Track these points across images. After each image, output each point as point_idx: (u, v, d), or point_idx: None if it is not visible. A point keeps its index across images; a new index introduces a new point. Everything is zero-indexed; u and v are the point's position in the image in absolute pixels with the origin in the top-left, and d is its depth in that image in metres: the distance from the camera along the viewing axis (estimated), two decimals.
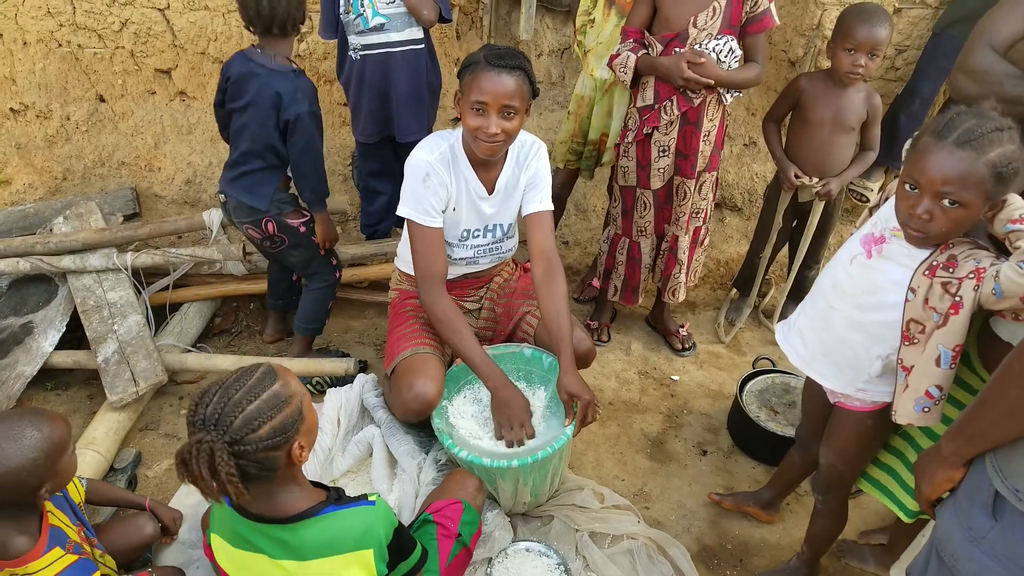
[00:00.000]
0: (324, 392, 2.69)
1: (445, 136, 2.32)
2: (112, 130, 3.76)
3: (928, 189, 1.50)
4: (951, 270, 1.53)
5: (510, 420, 2.23)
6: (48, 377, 2.90)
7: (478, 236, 2.46)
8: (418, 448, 2.38)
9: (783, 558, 2.38)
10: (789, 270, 3.36)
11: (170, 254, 2.96)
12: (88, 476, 2.39)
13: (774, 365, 3.00)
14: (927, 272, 1.57)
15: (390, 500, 2.25)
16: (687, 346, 3.29)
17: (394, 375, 2.39)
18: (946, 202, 1.49)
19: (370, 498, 1.58)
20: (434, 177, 2.27)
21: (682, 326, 3.33)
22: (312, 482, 1.63)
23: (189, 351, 2.96)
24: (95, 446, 2.47)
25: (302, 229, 2.71)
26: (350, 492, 2.47)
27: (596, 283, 3.40)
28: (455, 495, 2.01)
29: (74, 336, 2.96)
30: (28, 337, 2.83)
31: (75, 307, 2.93)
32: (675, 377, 3.15)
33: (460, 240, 2.44)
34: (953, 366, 1.56)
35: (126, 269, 3.00)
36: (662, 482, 2.66)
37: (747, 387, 2.88)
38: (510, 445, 2.21)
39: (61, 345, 2.92)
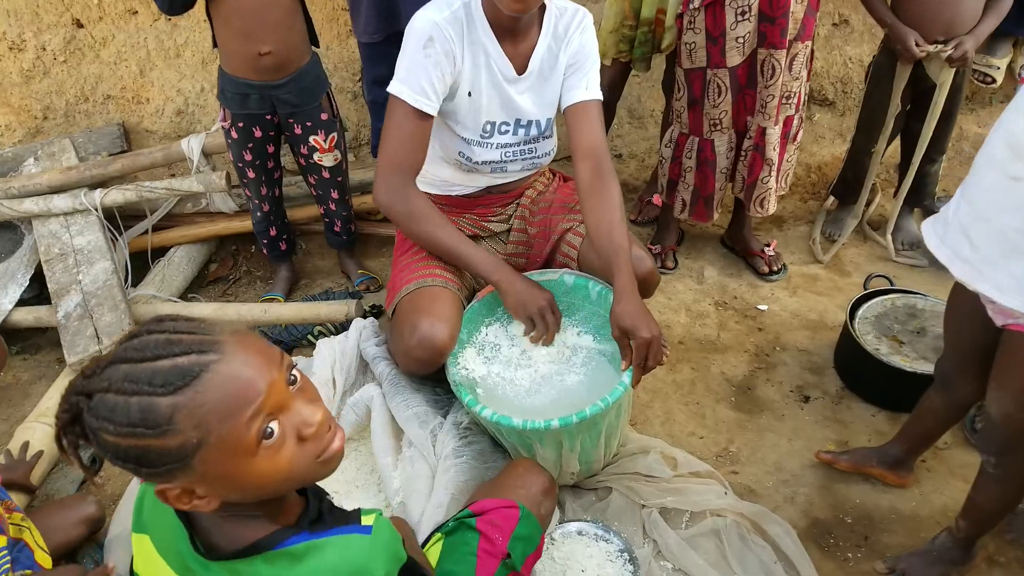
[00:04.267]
0: None
1: None
2: (93, 59, 3.29)
3: None
4: None
5: (529, 313, 1.79)
6: (14, 339, 2.48)
7: (506, 132, 1.89)
8: (432, 410, 1.84)
9: (924, 534, 1.78)
10: (903, 168, 2.66)
11: (143, 188, 2.47)
12: (40, 449, 1.96)
13: (892, 283, 2.35)
14: None
15: (393, 483, 1.73)
16: (775, 268, 2.65)
17: (395, 315, 1.86)
18: None
19: (365, 520, 1.01)
20: (439, 43, 1.70)
21: (767, 244, 2.69)
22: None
23: (172, 302, 2.49)
24: (47, 418, 2.03)
25: None
26: (350, 471, 1.99)
27: (658, 199, 2.80)
28: (512, 495, 1.46)
29: (45, 292, 2.53)
30: None
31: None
32: (762, 307, 2.53)
33: (483, 137, 1.87)
34: None
35: (96, 209, 2.53)
36: (753, 439, 2.08)
37: (859, 313, 2.24)
38: (535, 342, 1.80)
39: (30, 302, 2.50)
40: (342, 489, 1.88)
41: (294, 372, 0.91)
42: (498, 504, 1.39)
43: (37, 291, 2.54)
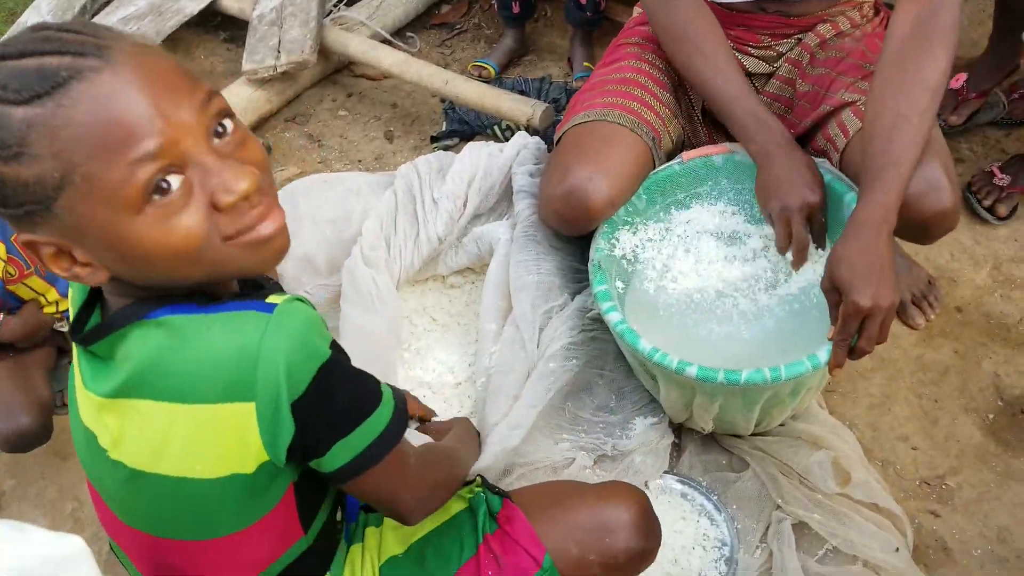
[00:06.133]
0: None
1: None
2: None
3: None
4: None
5: (779, 207, 1.24)
6: (227, 25, 2.36)
7: None
8: (562, 283, 1.41)
9: None
10: None
11: None
12: None
13: None
14: None
15: (486, 359, 1.37)
16: None
17: (556, 148, 1.40)
18: None
19: (276, 299, 0.71)
20: None
21: None
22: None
23: (378, 35, 2.17)
24: None
25: None
26: (459, 303, 1.62)
27: None
28: (567, 535, 0.95)
29: None
30: None
31: None
32: None
33: None
34: None
35: None
36: (988, 483, 1.44)
37: None
38: (782, 251, 1.26)
39: None
40: (442, 319, 1.58)
41: (226, 122, 0.67)
42: (524, 536, 0.94)
43: None
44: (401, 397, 0.83)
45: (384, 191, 1.50)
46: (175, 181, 0.63)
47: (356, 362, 0.77)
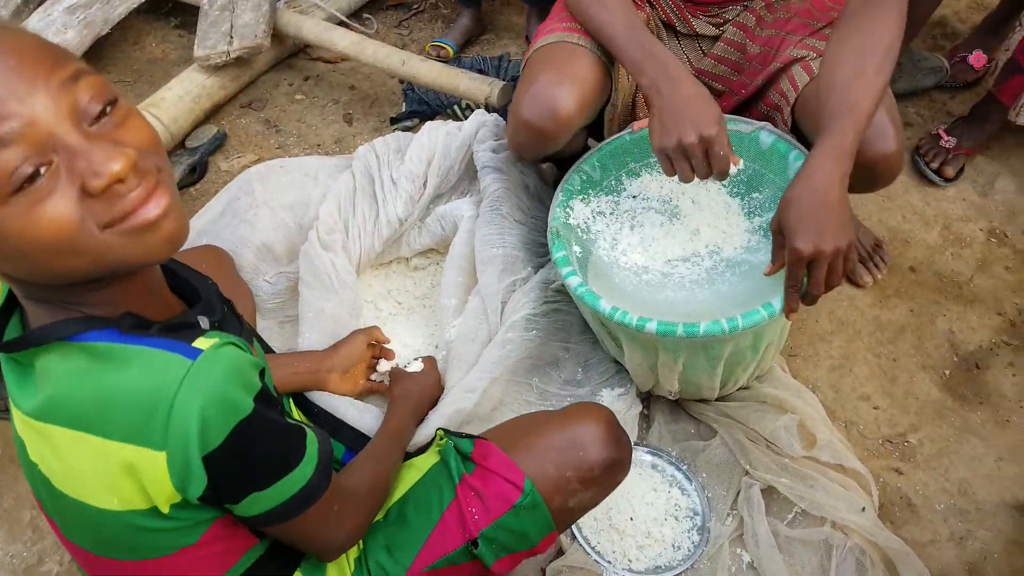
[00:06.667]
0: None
1: None
2: None
3: None
4: None
5: (672, 143, 1.15)
6: (178, 12, 2.31)
7: None
8: (526, 257, 1.42)
9: None
10: None
11: None
12: None
13: None
14: None
15: (448, 332, 1.38)
16: None
17: (522, 72, 1.39)
18: None
19: (199, 344, 0.69)
20: None
21: None
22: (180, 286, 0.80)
23: (333, 16, 2.14)
24: (157, 110, 1.85)
25: None
26: (424, 286, 1.58)
27: (979, 59, 1.95)
28: (544, 457, 0.97)
29: None
30: None
31: None
32: None
33: None
34: None
35: None
36: (948, 438, 1.48)
37: None
38: (686, 179, 1.19)
39: None
40: (407, 303, 1.58)
41: (100, 103, 0.62)
42: (502, 466, 0.95)
43: None
44: (328, 451, 0.80)
45: (342, 174, 1.48)
46: (39, 167, 0.58)
47: (318, 346, 0.78)
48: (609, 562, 1.30)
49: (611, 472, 1.01)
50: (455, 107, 1.95)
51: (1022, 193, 1.85)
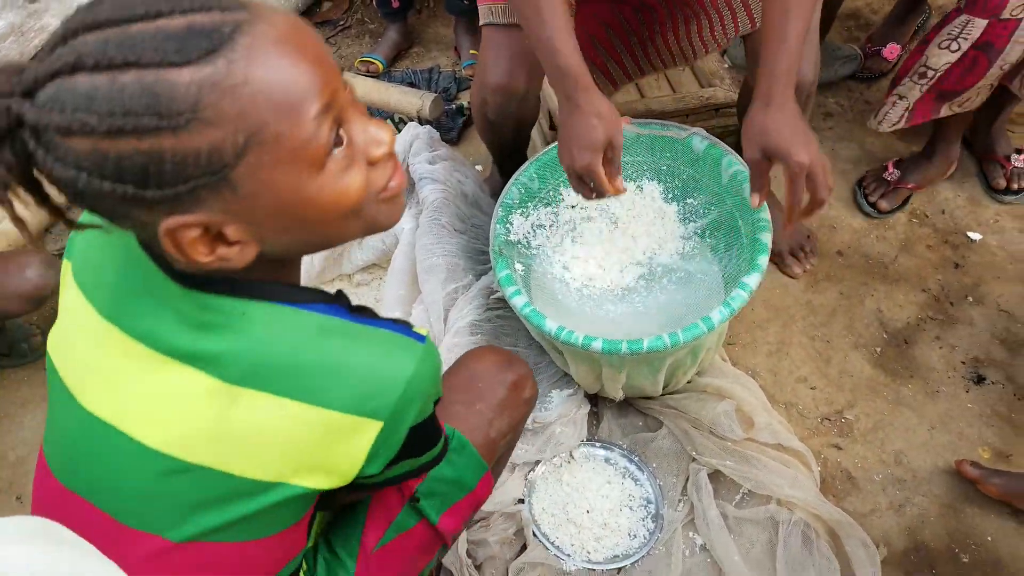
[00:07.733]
0: None
1: None
2: None
3: None
4: None
5: (570, 154, 1.15)
6: None
7: None
8: (467, 265, 1.44)
9: None
10: None
11: None
12: None
13: None
14: None
15: None
16: (1017, 187, 1.90)
17: (482, 44, 1.41)
18: None
19: (423, 331, 0.73)
20: None
21: (1019, 151, 1.91)
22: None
23: None
24: None
25: None
26: (367, 301, 1.67)
27: (894, 49, 2.06)
28: (441, 407, 0.90)
29: None
30: None
31: None
32: (974, 235, 1.83)
33: None
34: None
35: None
36: (882, 411, 1.55)
37: None
38: (586, 197, 1.20)
39: None
40: None
41: (345, 77, 0.66)
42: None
43: None
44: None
45: None
46: (344, 134, 0.62)
47: None
48: (568, 555, 1.33)
49: (516, 391, 1.02)
50: (389, 121, 1.97)
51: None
